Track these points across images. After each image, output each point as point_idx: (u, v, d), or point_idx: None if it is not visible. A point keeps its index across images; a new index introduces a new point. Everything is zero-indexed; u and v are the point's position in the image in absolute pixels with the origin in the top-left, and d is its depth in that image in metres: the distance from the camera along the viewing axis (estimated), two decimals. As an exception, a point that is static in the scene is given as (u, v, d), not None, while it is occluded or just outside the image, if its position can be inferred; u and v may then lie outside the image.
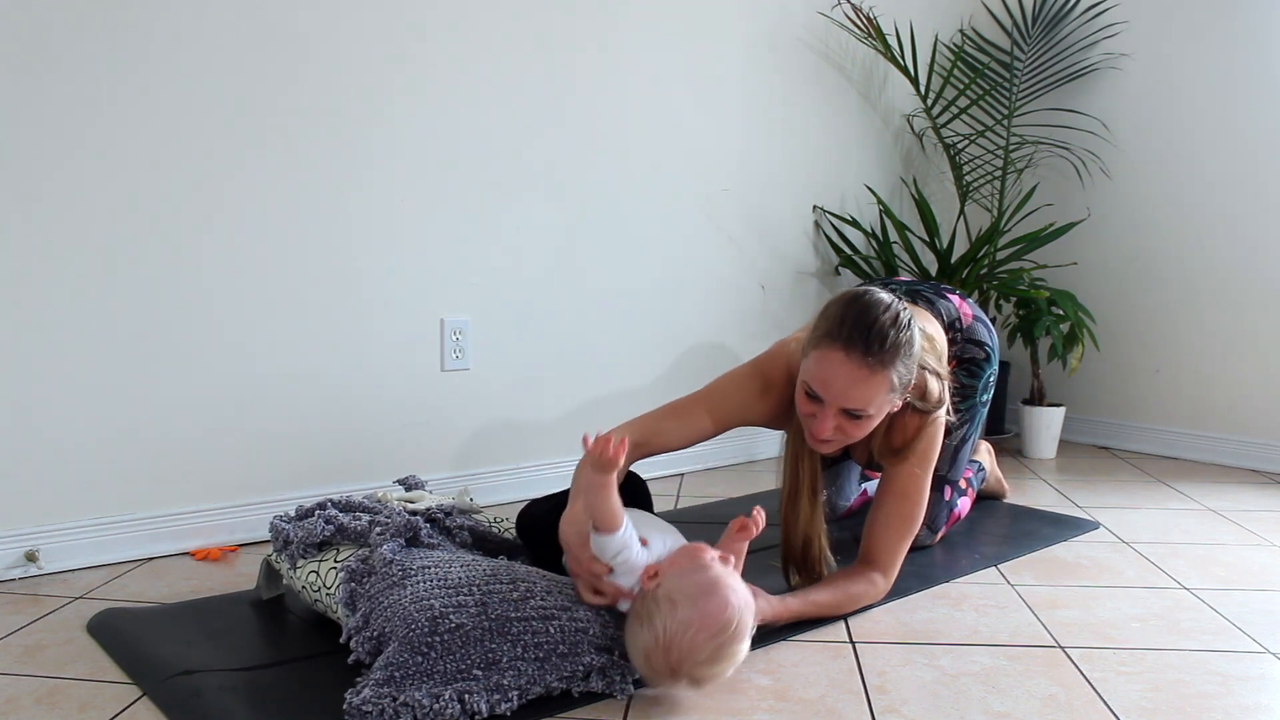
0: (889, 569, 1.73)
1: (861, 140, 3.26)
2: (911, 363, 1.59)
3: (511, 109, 2.43)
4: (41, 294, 1.87)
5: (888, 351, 1.54)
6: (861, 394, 1.55)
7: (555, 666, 1.38)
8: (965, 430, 2.00)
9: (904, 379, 1.58)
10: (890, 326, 1.55)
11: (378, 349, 2.28)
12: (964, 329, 2.00)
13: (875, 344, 1.53)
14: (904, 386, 1.60)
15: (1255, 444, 3.00)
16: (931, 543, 2.08)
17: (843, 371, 1.54)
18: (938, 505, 2.05)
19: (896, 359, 1.55)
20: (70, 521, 1.93)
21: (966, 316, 2.02)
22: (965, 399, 1.96)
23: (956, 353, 1.97)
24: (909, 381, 1.60)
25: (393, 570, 1.44)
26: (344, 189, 2.20)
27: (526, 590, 1.42)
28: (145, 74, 1.93)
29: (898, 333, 1.55)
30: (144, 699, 1.38)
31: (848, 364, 1.54)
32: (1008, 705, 1.38)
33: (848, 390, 1.55)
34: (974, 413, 2.02)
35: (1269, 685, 1.46)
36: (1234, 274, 3.03)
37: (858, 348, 1.53)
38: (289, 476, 2.18)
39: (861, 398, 1.55)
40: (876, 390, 1.55)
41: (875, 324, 1.54)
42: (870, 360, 1.53)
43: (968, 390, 1.97)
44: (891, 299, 1.60)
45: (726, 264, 2.93)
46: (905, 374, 1.58)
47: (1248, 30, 2.97)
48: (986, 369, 2.01)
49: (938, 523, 2.07)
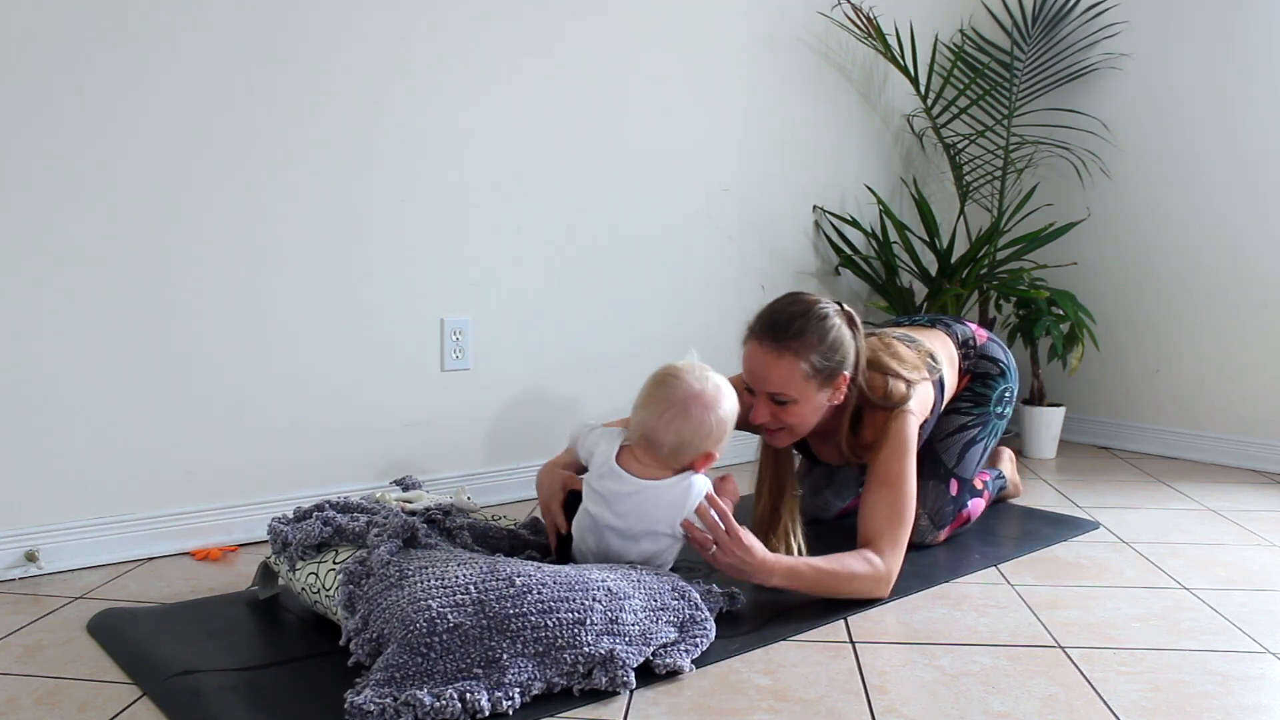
0: (884, 550, 1.74)
1: (861, 140, 3.26)
2: (831, 353, 1.74)
3: (512, 109, 2.43)
4: (41, 294, 1.87)
5: (793, 338, 1.72)
6: (777, 377, 1.73)
7: (556, 660, 1.38)
8: (976, 432, 2.09)
9: (823, 366, 1.74)
10: (798, 317, 1.74)
11: (378, 349, 2.28)
12: (977, 347, 2.16)
13: (780, 331, 1.73)
14: (826, 374, 1.75)
15: (1255, 444, 3.00)
16: (935, 539, 2.08)
17: (756, 358, 1.75)
18: (942, 498, 2.06)
19: (804, 346, 1.72)
20: (70, 521, 1.93)
21: (981, 337, 2.18)
22: (978, 405, 2.10)
23: (970, 366, 2.12)
24: (832, 370, 1.75)
25: (390, 571, 1.44)
26: (344, 189, 2.20)
27: (523, 585, 1.42)
28: (145, 72, 1.93)
29: (806, 321, 1.73)
30: (144, 699, 1.38)
31: (759, 350, 1.75)
32: (1008, 705, 1.38)
33: (765, 375, 1.74)
34: (987, 419, 2.12)
35: (1269, 685, 1.46)
36: (1234, 274, 3.03)
37: (767, 336, 1.74)
38: (289, 476, 2.18)
39: (778, 381, 1.73)
40: (788, 373, 1.73)
41: (782, 314, 1.75)
42: (777, 345, 1.72)
43: (980, 398, 2.11)
44: (815, 299, 1.78)
45: (726, 264, 2.93)
46: (823, 362, 1.74)
47: (1247, 30, 2.97)
48: (1000, 383, 2.14)
49: (942, 516, 2.07)
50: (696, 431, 1.64)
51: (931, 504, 2.06)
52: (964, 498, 2.12)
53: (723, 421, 1.67)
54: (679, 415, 1.64)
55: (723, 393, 1.69)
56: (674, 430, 1.64)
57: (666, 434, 1.64)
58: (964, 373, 2.15)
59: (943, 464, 2.09)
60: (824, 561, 1.70)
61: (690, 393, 1.65)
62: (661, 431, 1.64)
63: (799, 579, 1.67)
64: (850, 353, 1.79)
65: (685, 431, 1.64)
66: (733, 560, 1.62)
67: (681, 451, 1.65)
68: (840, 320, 1.79)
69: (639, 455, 1.68)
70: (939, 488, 2.07)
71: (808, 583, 1.68)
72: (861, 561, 1.72)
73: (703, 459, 1.67)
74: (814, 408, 1.79)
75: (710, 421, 1.65)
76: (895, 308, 3.17)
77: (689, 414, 1.64)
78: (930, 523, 2.06)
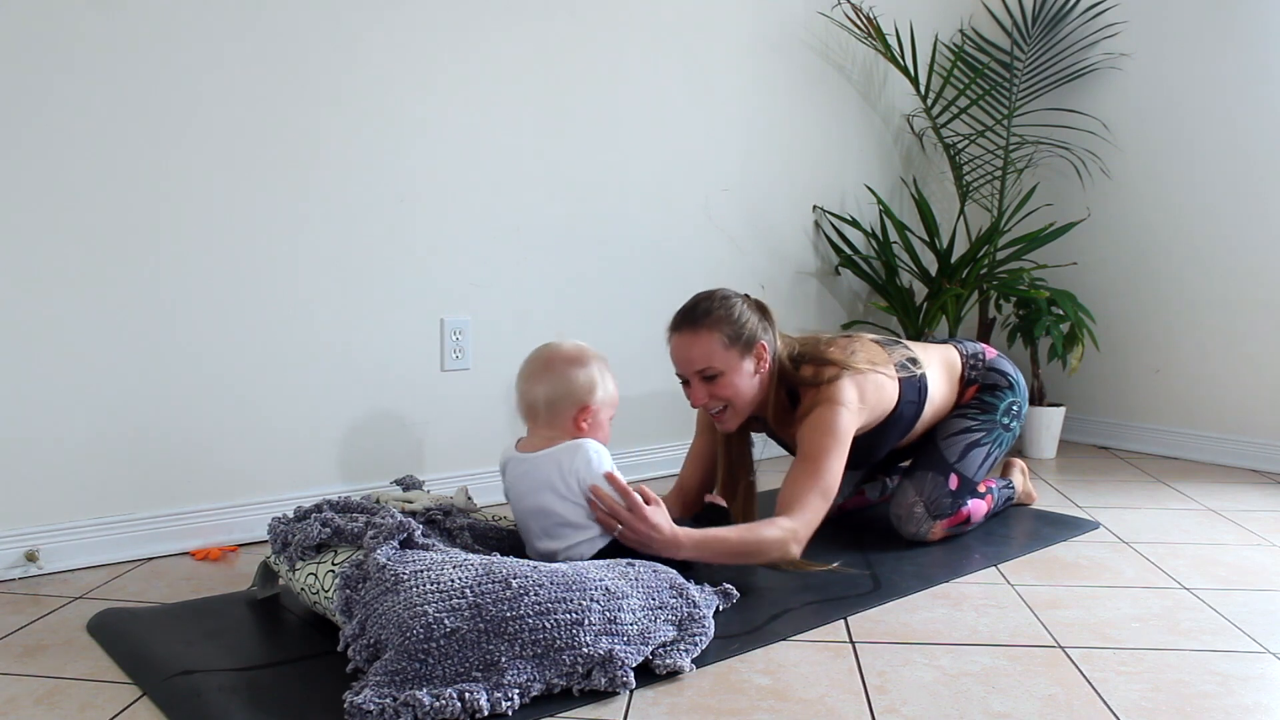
0: (795, 514, 1.80)
1: (861, 140, 3.26)
2: (742, 325, 1.90)
3: (512, 109, 2.43)
4: (41, 294, 1.87)
5: (702, 316, 1.90)
6: (699, 354, 1.90)
7: (555, 662, 1.38)
8: (980, 436, 2.17)
9: (736, 335, 1.90)
10: (704, 301, 1.93)
11: (378, 349, 2.28)
12: (986, 361, 2.27)
13: (690, 314, 1.92)
14: (743, 343, 1.90)
15: (1255, 444, 3.00)
16: (931, 532, 2.09)
17: (677, 345, 1.93)
18: (939, 489, 2.09)
19: (714, 320, 1.90)
20: (70, 521, 1.93)
21: (990, 354, 2.30)
22: (984, 412, 2.20)
23: (977, 377, 2.24)
24: (747, 338, 1.91)
25: (386, 576, 1.43)
26: (344, 189, 2.20)
27: (520, 588, 1.41)
28: (142, 67, 1.93)
29: (711, 303, 1.92)
30: (144, 699, 1.38)
31: (679, 338, 1.93)
32: (1008, 705, 1.38)
33: (688, 355, 1.91)
34: (992, 427, 2.19)
35: (1269, 685, 1.46)
36: (1234, 274, 3.03)
37: (684, 324, 1.93)
38: (289, 476, 2.18)
39: (700, 357, 1.90)
40: (707, 346, 1.89)
41: (689, 303, 1.95)
42: (693, 327, 1.91)
43: (988, 406, 2.21)
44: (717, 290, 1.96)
45: (726, 264, 2.93)
46: (735, 331, 1.90)
47: (1247, 30, 2.97)
48: (1009, 395, 2.23)
49: (939, 507, 2.09)
50: (563, 383, 1.75)
51: (929, 493, 2.10)
52: (964, 495, 2.13)
53: (590, 374, 1.77)
54: (543, 370, 1.77)
55: (587, 352, 1.80)
56: (543, 385, 1.75)
57: (537, 391, 1.75)
58: (971, 382, 2.24)
59: (944, 458, 2.14)
60: (732, 531, 1.77)
61: (551, 351, 1.80)
62: (532, 391, 1.76)
63: (706, 549, 1.72)
64: (760, 326, 1.94)
65: (554, 383, 1.75)
66: (639, 536, 1.67)
67: (556, 406, 1.74)
68: (745, 303, 1.95)
69: (530, 432, 1.80)
70: (938, 479, 2.10)
71: (716, 552, 1.73)
72: (770, 526, 1.78)
73: (581, 412, 1.75)
74: (744, 378, 1.92)
75: (575, 374, 1.75)
76: (895, 307, 3.17)
77: (552, 367, 1.76)
78: (925, 511, 2.08)
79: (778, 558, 1.78)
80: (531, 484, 1.72)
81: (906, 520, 2.10)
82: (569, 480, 1.69)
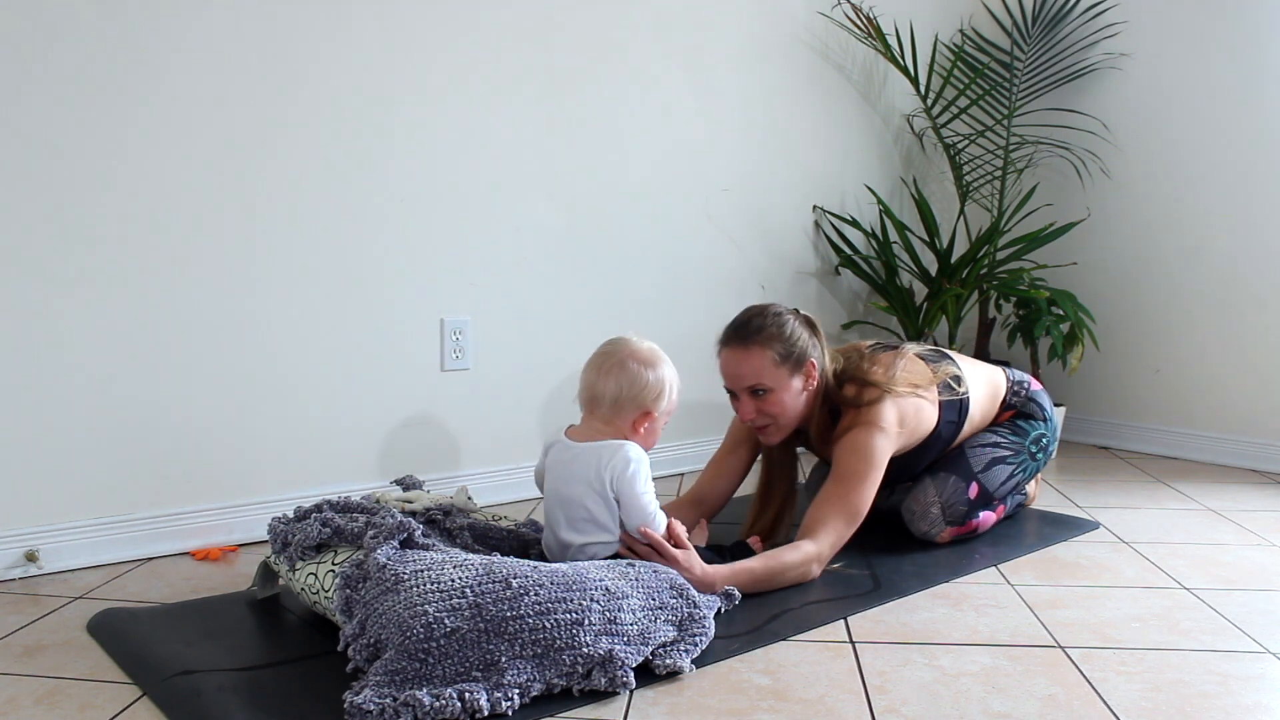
0: (818, 538, 1.84)
1: (861, 140, 3.26)
2: (793, 342, 1.92)
3: (512, 109, 2.43)
4: (41, 294, 1.87)
5: (754, 332, 1.92)
6: (749, 370, 1.91)
7: (555, 662, 1.38)
8: (1008, 455, 2.17)
9: (787, 353, 1.91)
10: (756, 316, 1.94)
11: (378, 349, 2.28)
12: (1028, 390, 2.30)
13: (742, 330, 1.93)
14: (793, 361, 1.92)
15: (1255, 444, 3.00)
16: (942, 536, 2.09)
17: (729, 360, 1.95)
18: (959, 495, 2.09)
19: (766, 337, 1.91)
20: (70, 521, 1.93)
21: (1034, 385, 2.33)
22: (1015, 435, 2.21)
23: (1017, 404, 2.27)
24: (798, 356, 1.92)
25: (386, 575, 1.43)
26: (344, 190, 2.20)
27: (520, 588, 1.41)
28: (145, 69, 1.93)
29: (764, 319, 1.93)
30: (144, 699, 1.38)
31: (730, 353, 1.94)
32: (1008, 705, 1.38)
33: (739, 371, 1.93)
34: (1019, 450, 2.20)
35: (1269, 685, 1.46)
36: (1234, 273, 3.03)
37: (734, 338, 1.94)
38: (289, 476, 2.18)
39: (751, 373, 1.91)
40: (758, 362, 1.91)
41: (742, 318, 1.96)
42: (745, 343, 1.92)
43: (1019, 431, 2.22)
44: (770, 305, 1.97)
45: (726, 264, 2.93)
46: (786, 349, 1.91)
47: (1247, 30, 2.97)
48: (1040, 426, 2.25)
49: (954, 513, 2.09)
50: (633, 383, 1.75)
51: (947, 496, 2.09)
52: (979, 507, 2.13)
53: (660, 380, 1.78)
54: (616, 366, 1.76)
55: (660, 356, 1.81)
56: (613, 380, 1.75)
57: (606, 385, 1.75)
58: (1009, 407, 2.27)
59: (969, 465, 2.13)
60: (756, 561, 1.79)
61: (628, 349, 1.79)
62: (600, 384, 1.76)
63: (735, 582, 1.74)
64: (811, 344, 1.96)
65: (623, 382, 1.75)
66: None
67: (621, 405, 1.75)
68: (796, 319, 1.96)
69: (583, 421, 1.81)
70: (959, 485, 2.09)
71: (744, 584, 1.75)
72: (792, 551, 1.82)
73: (642, 417, 1.77)
74: (792, 395, 1.94)
75: (647, 376, 1.76)
76: (895, 307, 3.17)
77: (626, 366, 1.76)
78: (940, 513, 2.08)
79: (798, 579, 1.82)
80: (570, 473, 1.74)
81: (920, 518, 2.09)
82: (604, 476, 1.71)
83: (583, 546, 1.72)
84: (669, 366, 1.81)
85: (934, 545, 2.10)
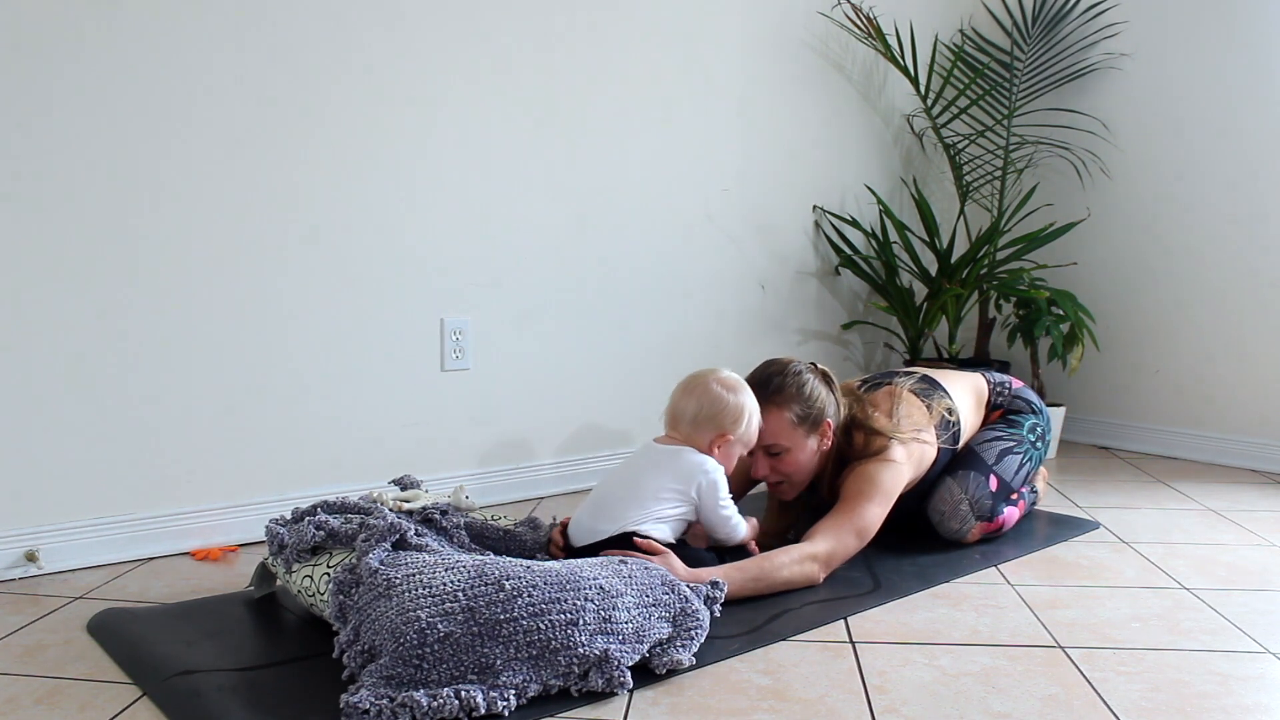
0: (814, 540, 1.84)
1: (861, 140, 3.26)
2: (812, 402, 1.94)
3: (511, 109, 2.43)
4: (41, 294, 1.87)
5: (774, 392, 1.93)
6: (768, 430, 1.92)
7: (550, 663, 1.38)
8: (1013, 445, 2.20)
9: (805, 414, 1.93)
10: (776, 375, 1.95)
11: (378, 349, 2.28)
12: (1012, 389, 2.34)
13: (763, 389, 1.93)
14: (811, 422, 1.94)
15: (1255, 444, 3.00)
16: (971, 534, 2.09)
17: None
18: (982, 488, 2.09)
19: (785, 398, 1.92)
20: (70, 521, 1.93)
21: (1016, 384, 2.37)
22: (1010, 428, 2.24)
23: (1003, 403, 2.31)
24: (815, 417, 1.94)
25: (378, 580, 1.43)
26: (344, 189, 2.20)
27: (513, 589, 1.40)
28: (139, 62, 1.93)
29: (784, 379, 1.94)
30: (144, 699, 1.38)
31: None
32: (1008, 705, 1.38)
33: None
34: (1020, 440, 2.22)
35: (1269, 685, 1.46)
36: (1234, 274, 3.03)
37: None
38: (288, 476, 2.18)
39: (769, 433, 1.92)
40: (776, 424, 1.92)
41: (760, 375, 1.97)
42: (764, 403, 1.91)
43: (1013, 424, 2.25)
44: (789, 360, 1.99)
45: (726, 264, 2.93)
46: (804, 410, 1.93)
47: (1247, 30, 2.97)
48: (1030, 418, 2.28)
49: (982, 508, 2.09)
50: (714, 404, 1.82)
51: (973, 491, 2.09)
52: (1001, 500, 2.14)
53: (740, 405, 1.84)
54: (700, 387, 1.84)
55: (743, 385, 1.87)
56: (694, 399, 1.83)
57: (688, 404, 1.83)
58: (996, 408, 2.31)
59: (982, 460, 2.14)
60: (749, 560, 1.78)
61: (715, 374, 1.88)
62: (683, 403, 1.84)
63: (727, 578, 1.71)
64: (829, 402, 1.98)
65: (704, 401, 1.82)
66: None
67: (700, 424, 1.82)
68: (814, 376, 1.99)
69: (665, 434, 1.88)
70: (979, 479, 2.10)
71: (737, 580, 1.72)
72: (783, 552, 1.80)
73: (719, 438, 1.82)
74: (807, 455, 1.97)
75: (728, 399, 1.83)
76: (895, 307, 3.17)
77: (709, 388, 1.84)
78: (970, 509, 2.08)
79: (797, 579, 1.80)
80: (643, 463, 1.81)
81: (950, 517, 2.09)
82: (679, 468, 1.77)
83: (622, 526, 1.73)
84: (750, 396, 1.86)
85: (933, 545, 2.10)
